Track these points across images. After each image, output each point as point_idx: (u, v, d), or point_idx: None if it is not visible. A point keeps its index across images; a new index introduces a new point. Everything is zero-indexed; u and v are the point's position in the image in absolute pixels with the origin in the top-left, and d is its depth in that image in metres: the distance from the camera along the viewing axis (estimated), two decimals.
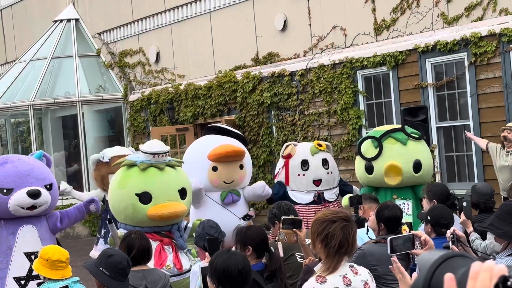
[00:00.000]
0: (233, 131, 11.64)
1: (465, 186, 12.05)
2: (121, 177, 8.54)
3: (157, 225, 8.40)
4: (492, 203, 8.16)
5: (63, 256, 6.31)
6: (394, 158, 9.94)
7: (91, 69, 21.74)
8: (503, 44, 12.41)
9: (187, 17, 19.02)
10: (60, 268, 6.29)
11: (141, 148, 8.65)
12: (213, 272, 4.48)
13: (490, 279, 1.35)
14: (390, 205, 6.54)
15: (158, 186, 8.42)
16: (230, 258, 4.52)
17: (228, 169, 10.72)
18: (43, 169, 8.86)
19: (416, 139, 10.21)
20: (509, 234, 5.28)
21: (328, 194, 11.57)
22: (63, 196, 14.37)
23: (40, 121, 21.84)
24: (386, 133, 10.18)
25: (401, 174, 9.85)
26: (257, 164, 16.89)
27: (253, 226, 6.36)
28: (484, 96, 12.78)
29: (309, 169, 11.53)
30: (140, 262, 6.06)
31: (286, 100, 16.25)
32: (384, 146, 10.05)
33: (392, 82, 14.23)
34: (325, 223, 4.38)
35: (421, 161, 10.03)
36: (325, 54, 15.50)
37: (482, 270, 1.37)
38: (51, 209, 8.91)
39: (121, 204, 8.45)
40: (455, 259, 1.49)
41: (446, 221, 6.54)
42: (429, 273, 1.48)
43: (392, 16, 14.25)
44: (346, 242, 4.34)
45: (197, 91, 18.41)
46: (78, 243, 17.43)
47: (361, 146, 10.35)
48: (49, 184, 8.74)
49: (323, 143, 11.85)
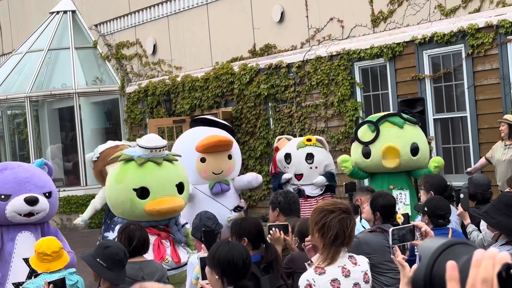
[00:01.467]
0: (220, 122, 11.64)
1: (462, 178, 12.06)
2: (119, 172, 8.53)
3: (155, 219, 8.39)
4: (489, 194, 8.17)
5: (49, 249, 6.33)
6: (391, 140, 9.93)
7: (88, 61, 21.69)
8: (500, 35, 12.39)
9: (184, 9, 18.98)
10: (45, 261, 6.31)
11: (138, 143, 8.63)
12: (216, 263, 4.45)
13: (493, 267, 1.34)
14: (384, 193, 6.55)
15: (156, 181, 8.40)
16: (233, 248, 4.50)
17: (217, 159, 10.69)
18: (43, 177, 8.84)
19: (412, 124, 10.22)
20: (501, 225, 5.26)
21: (309, 189, 11.55)
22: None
23: (36, 113, 21.79)
24: (383, 117, 10.19)
25: (399, 157, 9.83)
26: (254, 156, 16.88)
27: (249, 218, 6.34)
28: (481, 87, 12.78)
29: (291, 162, 11.55)
30: (140, 252, 6.07)
31: (283, 92, 16.23)
32: (381, 129, 10.04)
33: (389, 73, 14.22)
34: (323, 212, 4.37)
35: (418, 144, 10.03)
36: (322, 46, 15.47)
37: (484, 258, 1.36)
38: (50, 217, 8.90)
39: (118, 198, 8.44)
40: (457, 247, 1.48)
41: (443, 212, 6.54)
42: (431, 260, 1.47)
43: (390, 7, 14.23)
44: (342, 234, 4.33)
45: (194, 83, 18.39)
46: (75, 235, 17.42)
47: (357, 132, 10.34)
48: (48, 192, 8.72)
49: (313, 138, 11.82)
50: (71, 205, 19.95)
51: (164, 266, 8.30)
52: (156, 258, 8.02)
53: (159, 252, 8.25)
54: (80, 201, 19.99)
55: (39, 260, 6.32)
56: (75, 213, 19.92)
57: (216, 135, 10.78)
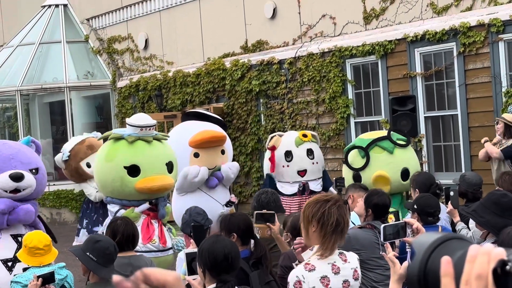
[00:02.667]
0: (213, 116, 11.60)
1: (452, 176, 12.06)
2: (108, 150, 8.52)
3: (144, 198, 8.40)
4: (480, 193, 8.15)
5: (40, 243, 6.29)
6: (381, 167, 9.81)
7: (79, 55, 21.63)
8: (492, 34, 12.41)
9: (176, 4, 18.95)
10: (38, 255, 6.28)
11: (128, 121, 8.64)
12: (200, 256, 4.47)
13: (488, 263, 1.32)
14: (380, 191, 6.55)
15: (147, 159, 8.44)
16: (217, 242, 4.51)
17: (210, 154, 10.64)
18: (29, 154, 8.78)
19: (402, 146, 10.11)
20: (490, 224, 5.26)
21: (313, 184, 11.52)
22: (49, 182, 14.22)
23: (27, 106, 21.73)
24: (372, 142, 10.06)
25: (390, 184, 9.78)
26: (245, 152, 16.88)
27: (238, 213, 6.34)
28: (472, 86, 12.79)
29: (293, 160, 11.49)
30: (124, 248, 6.03)
31: (275, 88, 16.22)
32: (371, 155, 9.92)
33: (381, 71, 14.23)
34: (319, 203, 4.40)
35: (408, 168, 9.94)
36: (314, 43, 15.47)
37: (479, 254, 1.34)
38: (38, 194, 8.83)
39: (108, 177, 8.44)
40: (452, 242, 1.46)
41: (433, 209, 6.54)
42: (425, 256, 1.46)
43: (382, 5, 14.23)
44: (342, 220, 4.37)
45: (186, 78, 18.37)
46: (64, 229, 17.38)
47: (347, 156, 10.26)
48: (35, 169, 8.67)
49: (308, 133, 11.79)
50: (61, 199, 19.90)
51: (151, 246, 8.34)
52: (144, 238, 8.04)
53: (148, 231, 8.27)
54: (70, 195, 19.93)
55: (30, 255, 6.28)
56: (65, 207, 19.89)
57: (209, 130, 10.74)
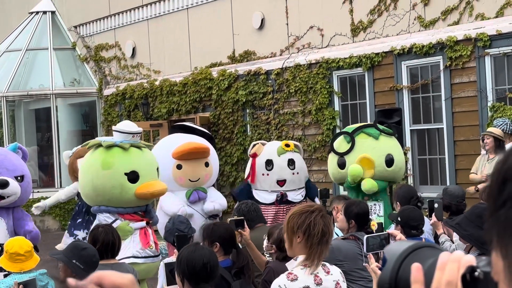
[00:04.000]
0: (199, 129, 11.60)
1: (437, 189, 12.09)
2: (104, 158, 8.47)
3: (139, 205, 8.45)
4: (463, 206, 8.18)
5: (22, 249, 6.25)
6: (366, 151, 10.00)
7: (66, 62, 21.58)
8: (479, 48, 12.46)
9: (164, 13, 18.94)
10: (18, 261, 6.23)
11: (118, 128, 8.62)
12: (179, 265, 4.45)
13: (458, 270, 1.32)
14: (356, 201, 6.57)
15: (143, 165, 8.51)
16: (195, 251, 4.48)
17: (193, 166, 10.64)
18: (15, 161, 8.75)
19: (388, 135, 10.29)
20: (473, 237, 5.25)
21: (292, 194, 11.52)
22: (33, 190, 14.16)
23: (13, 113, 21.64)
24: (358, 128, 10.28)
25: (373, 168, 9.88)
26: (231, 162, 16.85)
27: (220, 222, 6.33)
28: (458, 100, 12.83)
29: (273, 169, 11.50)
30: (103, 256, 5.97)
31: (261, 98, 16.22)
32: (356, 140, 10.12)
33: (368, 83, 14.26)
34: (304, 214, 4.39)
35: (393, 156, 10.08)
36: (302, 54, 15.49)
37: (450, 261, 1.34)
38: (22, 201, 8.80)
39: (107, 184, 8.39)
40: (423, 250, 1.47)
41: (416, 222, 6.56)
42: (397, 263, 1.46)
43: (369, 17, 14.27)
44: (327, 230, 4.37)
45: (172, 88, 18.35)
46: (48, 237, 17.26)
47: (333, 143, 10.39)
48: (20, 176, 8.63)
49: (291, 143, 11.80)
50: None
51: (149, 252, 8.38)
52: (143, 244, 8.09)
53: (146, 237, 8.32)
54: None
55: (11, 261, 6.24)
56: (49, 215, 19.79)
57: (192, 142, 10.75)
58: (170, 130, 12.23)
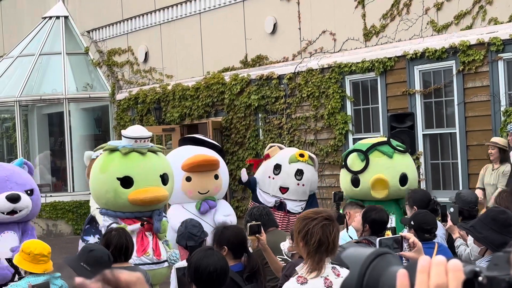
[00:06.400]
0: (208, 141, 11.61)
1: (449, 194, 12.04)
2: (103, 162, 8.56)
3: (138, 210, 8.40)
4: (476, 211, 8.16)
5: (45, 250, 6.29)
6: (380, 171, 9.85)
7: (79, 67, 21.65)
8: (491, 53, 12.42)
9: (177, 18, 18.98)
10: (42, 262, 6.26)
11: (123, 133, 8.66)
12: (188, 269, 4.47)
13: (445, 273, 1.31)
14: (378, 208, 6.53)
15: (140, 171, 8.45)
16: (204, 257, 4.50)
17: (202, 179, 10.64)
18: (23, 175, 8.83)
19: (401, 152, 10.16)
20: (488, 240, 5.25)
21: (292, 204, 11.50)
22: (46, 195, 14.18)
23: (26, 117, 21.72)
24: (372, 146, 10.09)
25: (388, 188, 9.79)
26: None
27: (232, 226, 6.31)
28: (471, 104, 12.79)
29: (279, 174, 11.51)
30: (116, 259, 5.99)
31: (274, 103, 16.22)
32: (370, 159, 9.96)
33: (380, 88, 14.23)
34: (306, 220, 4.35)
35: (407, 174, 9.99)
36: (314, 58, 15.48)
37: (434, 264, 1.33)
38: (33, 215, 8.86)
39: (102, 188, 8.45)
40: (387, 256, 1.46)
41: (429, 226, 6.52)
42: (362, 269, 1.44)
43: (382, 22, 14.25)
44: (326, 240, 4.29)
45: (185, 92, 18.37)
46: (60, 241, 17.34)
47: (347, 159, 10.26)
48: (30, 190, 8.69)
49: (306, 154, 11.77)
50: (57, 211, 19.85)
51: (145, 259, 8.34)
52: (139, 250, 8.03)
53: (142, 244, 8.26)
54: (66, 207, 19.89)
55: (34, 262, 6.24)
56: (61, 219, 19.84)
57: (202, 154, 10.76)
58: (180, 142, 12.23)
